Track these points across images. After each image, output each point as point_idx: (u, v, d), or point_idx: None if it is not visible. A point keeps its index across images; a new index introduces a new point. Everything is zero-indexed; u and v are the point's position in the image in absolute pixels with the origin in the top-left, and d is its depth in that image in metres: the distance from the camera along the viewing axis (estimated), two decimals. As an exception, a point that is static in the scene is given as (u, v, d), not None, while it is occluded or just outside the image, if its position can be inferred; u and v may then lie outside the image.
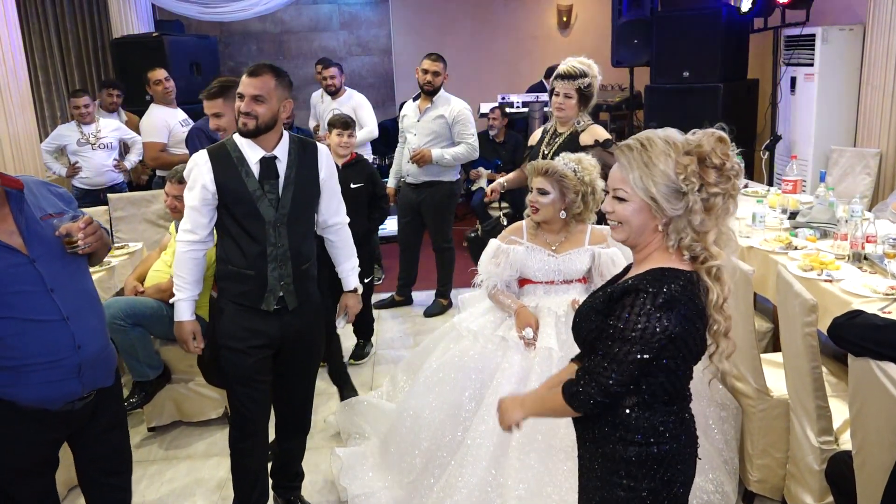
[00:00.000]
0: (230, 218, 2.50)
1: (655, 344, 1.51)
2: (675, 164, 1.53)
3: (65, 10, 7.64)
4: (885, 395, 1.86)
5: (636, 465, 1.61)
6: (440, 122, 4.78)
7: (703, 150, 1.54)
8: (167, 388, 3.60)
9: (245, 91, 2.43)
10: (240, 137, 2.49)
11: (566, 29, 8.81)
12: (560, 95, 3.63)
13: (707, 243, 1.56)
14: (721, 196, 1.54)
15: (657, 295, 1.51)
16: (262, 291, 2.52)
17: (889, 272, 2.95)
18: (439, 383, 2.84)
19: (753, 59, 6.30)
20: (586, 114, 3.69)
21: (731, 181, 1.55)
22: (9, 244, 1.94)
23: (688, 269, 1.58)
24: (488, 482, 2.55)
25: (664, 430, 1.62)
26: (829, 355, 3.03)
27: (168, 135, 5.15)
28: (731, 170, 1.54)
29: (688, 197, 1.53)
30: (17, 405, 2.01)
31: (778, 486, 2.76)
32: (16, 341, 1.96)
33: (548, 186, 2.78)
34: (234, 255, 2.52)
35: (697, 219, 1.53)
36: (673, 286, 1.53)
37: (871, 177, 4.99)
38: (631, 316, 1.52)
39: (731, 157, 1.55)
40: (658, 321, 1.50)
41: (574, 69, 3.60)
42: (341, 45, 8.71)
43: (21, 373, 1.98)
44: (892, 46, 4.91)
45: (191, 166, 2.52)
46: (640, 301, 1.52)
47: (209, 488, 3.19)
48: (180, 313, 2.59)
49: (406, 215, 5.03)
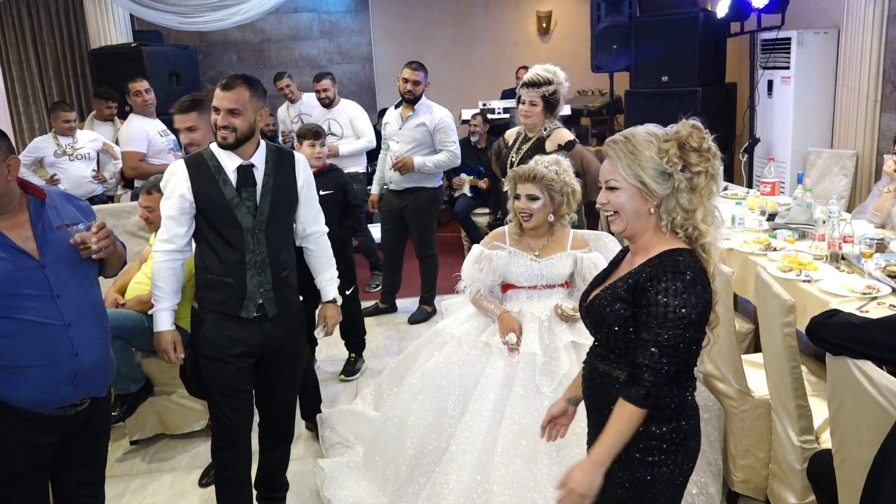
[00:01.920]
0: (208, 226, 2.50)
1: (697, 322, 1.63)
2: (658, 150, 1.68)
3: (41, 21, 7.56)
4: (862, 394, 1.88)
5: (666, 441, 1.70)
6: (422, 130, 4.79)
7: (681, 135, 1.69)
8: (150, 401, 3.57)
9: (220, 105, 2.43)
10: (213, 147, 2.51)
11: (546, 35, 8.86)
12: (526, 103, 3.70)
13: (696, 221, 1.69)
14: (703, 175, 1.68)
15: (683, 274, 1.63)
16: (241, 299, 2.52)
17: (866, 272, 2.99)
18: (423, 390, 2.84)
19: (731, 62, 6.36)
20: (554, 119, 3.74)
21: (710, 161, 1.69)
22: (22, 248, 2.05)
23: (688, 247, 1.71)
24: (474, 488, 2.55)
25: (690, 402, 1.74)
26: (809, 355, 3.06)
27: (147, 145, 5.11)
28: (708, 150, 1.69)
29: (673, 177, 1.67)
30: (10, 406, 2.06)
31: (761, 485, 2.77)
32: (15, 341, 2.02)
33: (537, 192, 2.80)
34: (212, 263, 2.52)
35: (685, 197, 1.67)
36: (691, 263, 1.65)
37: (848, 178, 5.06)
38: (668, 300, 1.61)
39: (707, 140, 1.70)
40: (692, 300, 1.61)
41: (539, 77, 3.64)
42: (322, 54, 8.70)
43: (16, 373, 2.04)
44: (867, 49, 4.99)
45: (168, 176, 2.52)
46: (670, 285, 1.62)
47: (192, 501, 3.16)
48: (160, 323, 2.57)
49: (389, 222, 5.03)
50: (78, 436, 2.24)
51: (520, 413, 2.60)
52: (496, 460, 2.55)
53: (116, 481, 3.32)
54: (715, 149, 1.71)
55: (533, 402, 2.61)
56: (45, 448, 2.17)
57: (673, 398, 1.70)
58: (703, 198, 1.69)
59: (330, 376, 4.25)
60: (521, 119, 3.77)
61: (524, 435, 2.56)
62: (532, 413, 2.58)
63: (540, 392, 2.63)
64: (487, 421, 2.63)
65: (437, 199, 5.05)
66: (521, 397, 2.64)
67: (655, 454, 1.70)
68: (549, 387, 2.62)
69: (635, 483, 1.71)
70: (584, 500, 1.66)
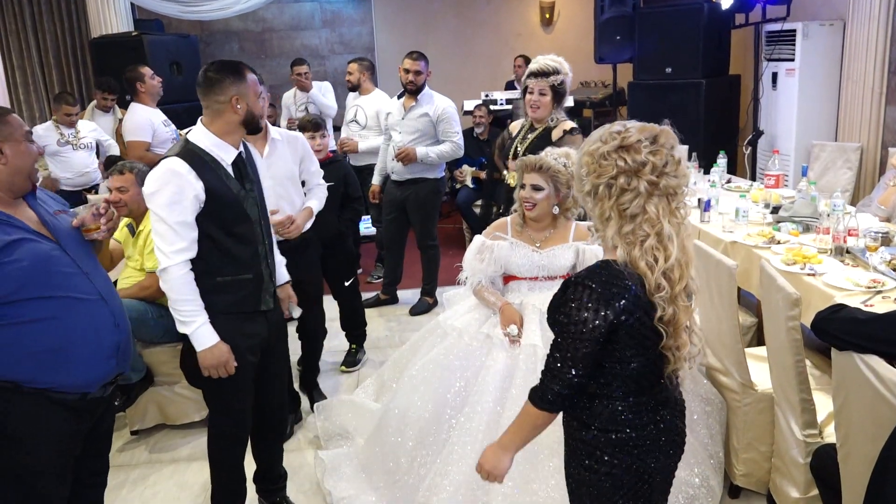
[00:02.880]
0: (216, 225, 2.36)
1: (598, 336, 1.57)
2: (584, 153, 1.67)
3: (42, 10, 7.53)
4: (868, 389, 1.87)
5: (595, 447, 1.69)
6: (424, 121, 4.76)
7: (628, 140, 1.60)
8: (150, 392, 3.56)
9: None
10: (204, 138, 2.38)
11: (549, 26, 8.81)
12: (535, 93, 3.62)
13: (604, 233, 1.64)
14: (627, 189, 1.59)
15: (595, 288, 1.57)
16: (258, 292, 2.49)
17: (871, 265, 2.97)
18: (424, 382, 2.83)
19: (735, 54, 6.33)
20: (560, 110, 3.68)
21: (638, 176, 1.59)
22: (41, 232, 2.07)
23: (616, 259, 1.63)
24: (474, 480, 2.54)
25: (624, 418, 1.68)
26: (813, 349, 3.04)
27: (152, 134, 5.09)
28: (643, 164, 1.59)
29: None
30: (55, 397, 2.07)
31: (763, 479, 2.77)
32: (62, 321, 2.04)
33: (542, 182, 2.78)
34: (223, 264, 2.39)
35: (589, 204, 1.66)
36: (611, 279, 1.58)
37: (853, 171, 5.03)
38: (573, 310, 1.58)
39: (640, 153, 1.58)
40: (596, 314, 1.56)
41: (547, 66, 3.59)
42: (323, 44, 8.66)
43: (66, 354, 2.06)
44: (872, 41, 4.95)
45: (169, 177, 2.29)
46: (579, 294, 1.58)
47: (194, 492, 3.15)
48: (207, 338, 2.35)
49: (391, 213, 5.00)
50: (99, 423, 2.27)
51: (520, 405, 2.58)
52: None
53: (117, 471, 3.32)
54: (654, 163, 1.59)
55: None
56: (79, 438, 2.20)
57: (600, 409, 1.68)
58: (619, 211, 1.61)
59: (331, 367, 4.24)
60: (528, 110, 3.68)
61: None
62: None
63: None
64: (488, 413, 2.62)
65: (439, 190, 5.03)
66: (522, 389, 2.62)
67: (587, 458, 1.71)
68: None
69: (583, 482, 1.74)
70: (491, 476, 1.83)
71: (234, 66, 2.40)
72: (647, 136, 1.60)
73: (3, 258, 1.95)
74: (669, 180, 1.60)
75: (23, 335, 2.00)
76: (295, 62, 6.25)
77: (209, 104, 2.39)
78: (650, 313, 1.60)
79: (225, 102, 2.36)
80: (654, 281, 1.58)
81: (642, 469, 1.70)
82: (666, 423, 1.74)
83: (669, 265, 1.59)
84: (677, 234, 1.61)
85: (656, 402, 1.72)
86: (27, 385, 2.03)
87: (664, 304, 1.60)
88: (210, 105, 2.39)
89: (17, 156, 2.04)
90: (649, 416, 1.70)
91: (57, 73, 7.71)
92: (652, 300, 1.59)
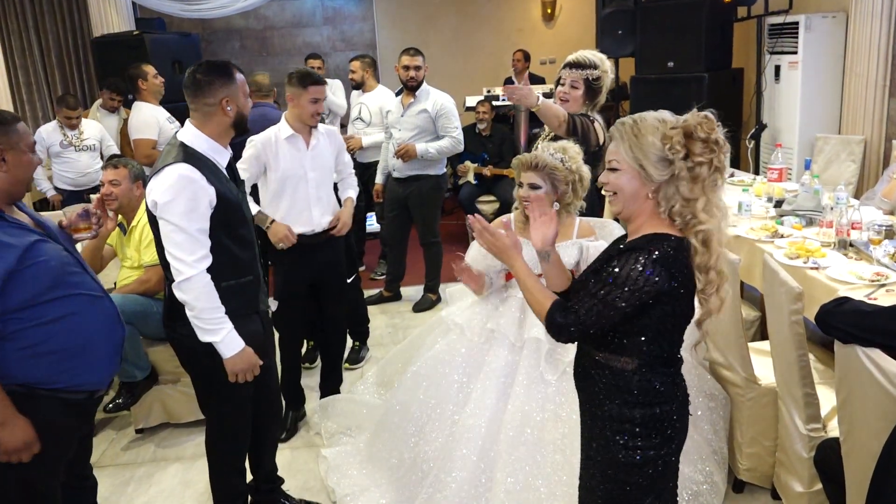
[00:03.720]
0: (222, 230, 2.32)
1: (642, 295, 1.63)
2: (663, 136, 1.68)
3: (44, 9, 7.55)
4: (871, 383, 1.86)
5: (639, 425, 1.73)
6: (424, 117, 4.75)
7: (689, 124, 1.68)
8: (154, 390, 3.57)
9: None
10: (200, 142, 2.33)
11: (550, 21, 8.79)
12: (566, 84, 3.39)
13: (696, 210, 1.67)
14: (706, 166, 1.67)
15: (650, 252, 1.64)
16: (257, 292, 2.50)
17: (874, 258, 2.96)
18: (426, 378, 2.84)
19: (737, 48, 6.30)
20: (593, 111, 3.43)
21: (715, 153, 1.67)
22: (43, 234, 2.08)
23: (678, 234, 1.70)
24: (477, 476, 2.54)
25: (664, 390, 1.74)
26: (817, 343, 3.04)
27: (158, 132, 5.09)
28: (714, 142, 1.67)
29: (674, 165, 1.67)
30: (67, 397, 2.08)
31: (767, 474, 2.76)
32: (81, 318, 2.07)
33: (538, 180, 2.72)
34: (226, 269, 2.34)
35: (685, 185, 1.67)
36: (665, 246, 1.65)
37: (856, 164, 5.01)
38: (624, 267, 1.65)
39: (715, 131, 1.68)
40: (647, 275, 1.63)
41: (585, 59, 3.38)
42: (325, 41, 8.65)
43: (87, 351, 2.09)
44: (875, 33, 4.92)
45: (185, 184, 2.23)
46: (633, 256, 1.65)
47: (198, 490, 3.16)
48: (235, 344, 2.32)
49: (393, 210, 5.00)
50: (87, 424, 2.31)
51: (523, 401, 2.59)
52: (500, 448, 2.55)
53: (121, 470, 3.33)
54: (723, 141, 1.69)
55: (537, 390, 2.59)
56: (77, 437, 2.24)
57: (644, 383, 1.72)
58: (705, 188, 1.68)
59: (334, 365, 4.24)
60: (557, 102, 3.41)
61: (528, 423, 2.55)
62: (536, 401, 2.57)
63: (544, 380, 2.61)
64: (491, 409, 2.62)
65: (441, 186, 5.02)
66: (525, 385, 2.62)
67: (629, 437, 1.74)
68: (554, 374, 2.60)
69: (612, 463, 1.76)
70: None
71: (222, 66, 2.36)
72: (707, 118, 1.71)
73: (31, 259, 1.96)
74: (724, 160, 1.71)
75: (49, 335, 2.01)
76: (309, 56, 6.14)
77: (198, 107, 2.33)
78: (694, 286, 1.70)
79: (214, 105, 2.32)
80: (717, 253, 1.68)
81: (676, 439, 1.78)
82: (686, 395, 1.83)
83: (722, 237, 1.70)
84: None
85: (679, 372, 1.81)
86: (42, 387, 2.03)
87: (712, 279, 1.69)
88: (199, 108, 2.33)
89: (18, 166, 2.05)
90: (677, 385, 1.79)
91: (59, 72, 7.72)
92: (699, 274, 1.69)
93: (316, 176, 3.31)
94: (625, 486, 1.76)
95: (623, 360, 1.73)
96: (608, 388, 1.76)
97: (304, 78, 3.21)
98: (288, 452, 3.33)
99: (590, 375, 1.81)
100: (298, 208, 3.30)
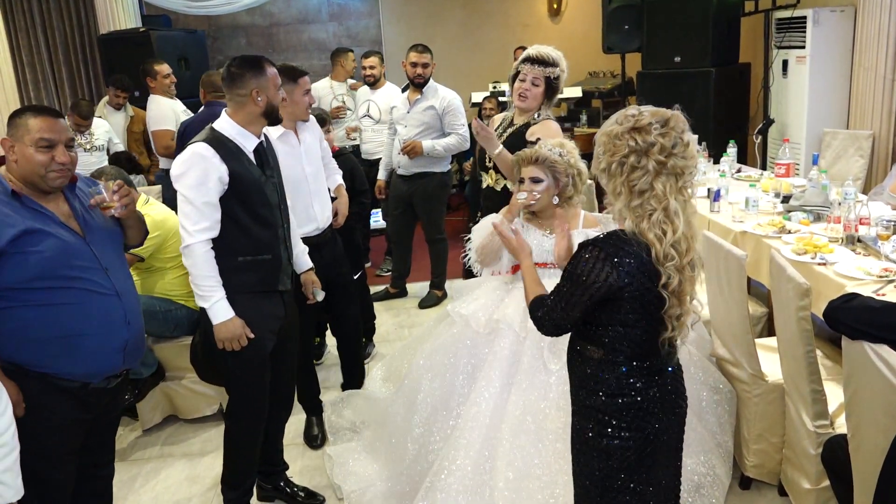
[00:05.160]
0: (240, 208, 2.50)
1: (599, 290, 1.71)
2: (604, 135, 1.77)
3: (51, 6, 7.55)
4: (879, 379, 1.85)
5: (602, 413, 1.80)
6: (430, 113, 4.75)
7: (641, 122, 1.71)
8: (161, 386, 3.59)
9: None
10: (228, 127, 2.52)
11: (557, 16, 8.75)
12: (526, 80, 3.30)
13: (616, 207, 1.76)
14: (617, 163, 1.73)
15: (606, 248, 1.71)
16: (277, 272, 2.61)
17: (882, 254, 2.94)
18: (431, 369, 2.85)
19: (745, 42, 6.27)
20: (548, 108, 3.40)
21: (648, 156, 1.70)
22: (69, 226, 2.15)
23: (633, 230, 1.75)
24: (481, 464, 2.55)
25: (629, 383, 1.79)
26: (824, 339, 3.02)
27: (176, 122, 5.10)
28: (616, 136, 1.73)
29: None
30: (58, 384, 2.13)
31: (774, 470, 2.75)
32: (76, 309, 2.11)
33: (540, 174, 2.77)
34: (243, 245, 2.52)
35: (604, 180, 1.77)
36: (619, 243, 1.72)
37: (865, 159, 4.98)
38: (580, 262, 1.73)
39: (651, 134, 1.69)
40: (601, 271, 1.70)
41: (547, 55, 3.30)
42: (331, 37, 8.65)
43: (75, 342, 2.12)
44: (884, 27, 4.89)
45: (195, 160, 2.43)
46: (591, 251, 1.73)
47: (205, 485, 3.17)
48: (223, 312, 2.47)
49: (398, 207, 5.00)
50: (103, 415, 2.32)
51: (526, 390, 2.60)
52: (503, 436, 2.55)
53: (129, 466, 3.35)
54: (665, 146, 1.70)
55: (539, 380, 2.60)
56: (82, 426, 2.25)
57: (607, 374, 1.79)
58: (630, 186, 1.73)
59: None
60: (515, 98, 3.37)
61: (530, 412, 2.55)
62: (538, 390, 2.57)
63: (547, 369, 2.61)
64: (495, 398, 2.62)
65: (446, 183, 5.02)
66: (528, 374, 2.63)
67: (593, 424, 1.82)
68: (556, 364, 2.59)
69: (584, 447, 1.86)
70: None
71: (254, 60, 2.54)
72: (659, 120, 1.72)
73: (28, 246, 2.03)
74: (677, 161, 1.71)
75: (34, 320, 2.08)
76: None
77: (232, 97, 2.53)
78: (654, 280, 1.71)
79: (245, 95, 2.51)
80: (663, 251, 1.70)
81: (648, 430, 1.80)
82: (669, 385, 1.85)
83: (677, 238, 1.71)
84: (683, 210, 1.73)
85: (659, 367, 1.83)
86: (32, 369, 2.10)
87: (671, 273, 1.71)
88: (232, 97, 2.53)
89: (22, 159, 2.08)
90: (653, 379, 1.82)
91: (66, 69, 7.73)
92: (657, 268, 1.71)
93: (312, 171, 3.26)
94: (594, 470, 1.83)
95: (591, 349, 1.82)
96: (582, 376, 1.85)
97: (292, 71, 3.10)
98: (293, 450, 3.33)
99: (572, 362, 1.91)
100: (302, 207, 3.23)
